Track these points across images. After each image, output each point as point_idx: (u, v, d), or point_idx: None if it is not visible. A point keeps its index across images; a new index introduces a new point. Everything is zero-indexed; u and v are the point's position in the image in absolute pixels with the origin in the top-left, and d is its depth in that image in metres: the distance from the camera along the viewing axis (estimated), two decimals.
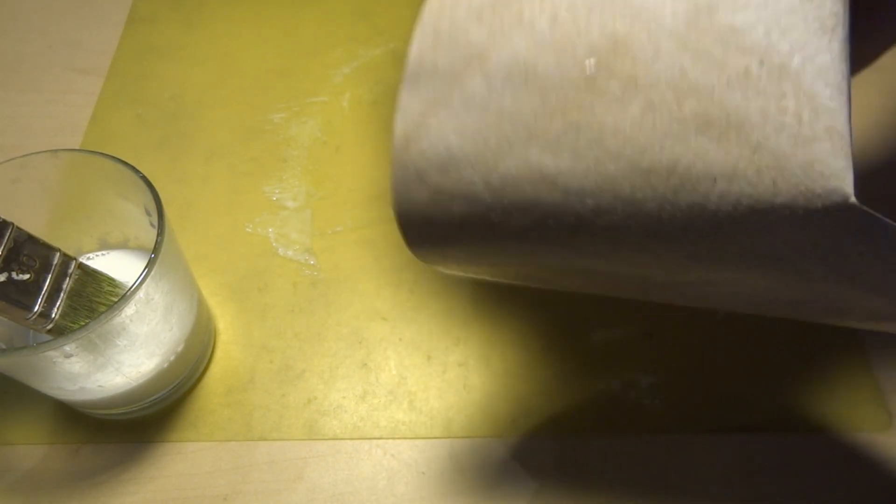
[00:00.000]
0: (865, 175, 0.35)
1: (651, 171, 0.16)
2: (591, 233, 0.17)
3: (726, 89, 0.15)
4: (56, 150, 0.25)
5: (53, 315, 0.23)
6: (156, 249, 0.23)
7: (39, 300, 0.23)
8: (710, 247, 0.16)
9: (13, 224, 0.23)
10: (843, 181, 0.15)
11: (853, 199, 0.14)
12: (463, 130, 0.17)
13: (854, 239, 0.15)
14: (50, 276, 0.23)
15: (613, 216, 0.16)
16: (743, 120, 0.15)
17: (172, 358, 0.27)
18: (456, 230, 0.18)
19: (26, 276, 0.23)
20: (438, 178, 0.17)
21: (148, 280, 0.22)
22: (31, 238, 0.23)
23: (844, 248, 0.16)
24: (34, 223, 0.24)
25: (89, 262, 0.26)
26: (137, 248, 0.30)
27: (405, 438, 0.28)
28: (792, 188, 0.15)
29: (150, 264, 0.22)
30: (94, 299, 0.24)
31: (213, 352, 0.30)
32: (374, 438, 0.28)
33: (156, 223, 0.24)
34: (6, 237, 0.22)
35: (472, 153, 0.17)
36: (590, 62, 0.16)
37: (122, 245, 0.30)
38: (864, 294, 0.17)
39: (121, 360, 0.24)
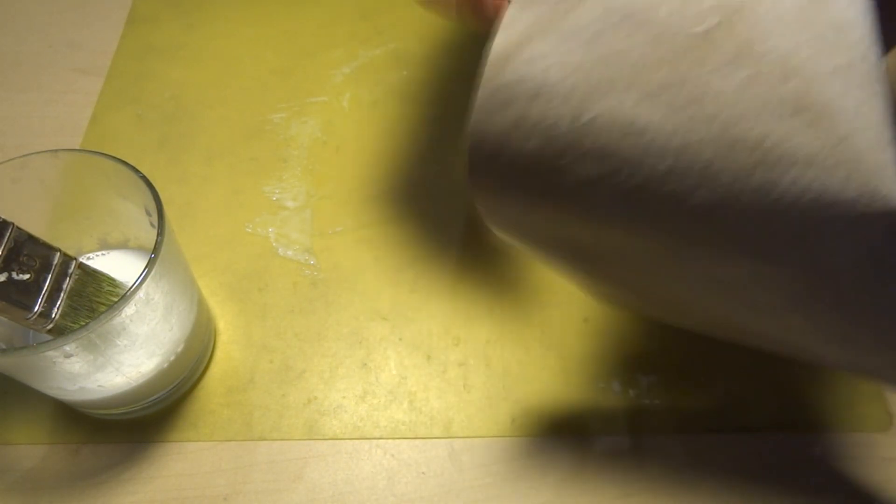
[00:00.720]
0: None
1: (738, 141, 0.15)
2: (652, 197, 0.16)
3: (830, 77, 0.15)
4: (56, 150, 0.25)
5: (53, 315, 0.23)
6: (156, 249, 0.23)
7: (39, 300, 0.23)
8: (761, 234, 0.16)
9: (13, 224, 0.23)
10: None
11: None
12: (566, 61, 0.16)
13: None
14: (50, 276, 0.23)
15: (683, 182, 0.16)
16: (837, 110, 0.15)
17: (172, 358, 0.27)
18: (521, 170, 0.17)
19: (26, 276, 0.23)
20: (525, 106, 0.16)
21: (148, 280, 0.22)
22: (31, 238, 0.23)
23: (889, 262, 0.15)
24: (34, 223, 0.24)
25: (89, 262, 0.26)
26: (137, 248, 0.30)
27: (405, 438, 0.28)
28: (861, 185, 0.15)
29: (150, 264, 0.22)
30: (94, 299, 0.24)
31: (213, 352, 0.30)
32: (374, 438, 0.28)
33: (156, 223, 0.24)
34: (6, 237, 0.22)
35: (569, 87, 0.16)
36: (712, 18, 0.15)
37: (122, 245, 0.30)
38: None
39: (121, 360, 0.24)
